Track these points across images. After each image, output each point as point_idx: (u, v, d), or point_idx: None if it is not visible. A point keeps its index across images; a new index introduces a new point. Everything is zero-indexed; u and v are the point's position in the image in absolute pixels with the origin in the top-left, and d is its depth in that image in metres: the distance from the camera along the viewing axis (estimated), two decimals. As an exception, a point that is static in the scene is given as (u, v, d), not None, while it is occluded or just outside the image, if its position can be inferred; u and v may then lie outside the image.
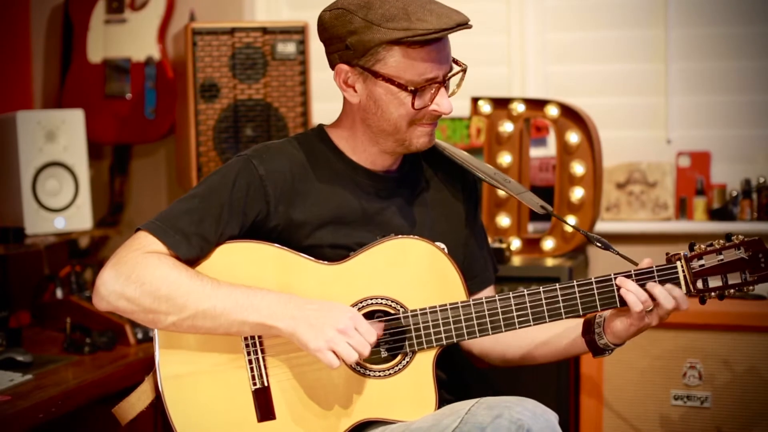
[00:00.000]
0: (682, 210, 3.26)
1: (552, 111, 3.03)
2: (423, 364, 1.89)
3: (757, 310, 2.63)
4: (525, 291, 1.88)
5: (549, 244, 3.04)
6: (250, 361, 1.88)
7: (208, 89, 3.03)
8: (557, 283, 1.88)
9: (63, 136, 3.05)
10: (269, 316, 1.81)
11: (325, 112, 2.40)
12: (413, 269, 1.91)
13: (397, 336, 1.90)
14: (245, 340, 1.88)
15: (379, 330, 1.85)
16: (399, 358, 1.90)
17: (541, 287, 1.88)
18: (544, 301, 1.88)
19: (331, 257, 1.92)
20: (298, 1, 3.59)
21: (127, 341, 2.68)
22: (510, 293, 1.89)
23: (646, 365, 2.67)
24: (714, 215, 3.22)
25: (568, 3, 3.40)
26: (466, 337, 1.89)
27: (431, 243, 1.93)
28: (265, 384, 1.88)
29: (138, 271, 1.81)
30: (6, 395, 2.18)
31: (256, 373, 1.88)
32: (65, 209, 3.06)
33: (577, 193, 3.00)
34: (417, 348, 1.89)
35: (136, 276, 1.81)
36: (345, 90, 1.94)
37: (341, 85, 1.93)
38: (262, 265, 1.90)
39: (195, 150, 3.03)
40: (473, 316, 1.89)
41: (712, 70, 3.27)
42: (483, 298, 1.89)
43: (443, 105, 1.90)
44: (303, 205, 1.95)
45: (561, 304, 1.88)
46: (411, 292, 1.90)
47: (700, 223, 3.22)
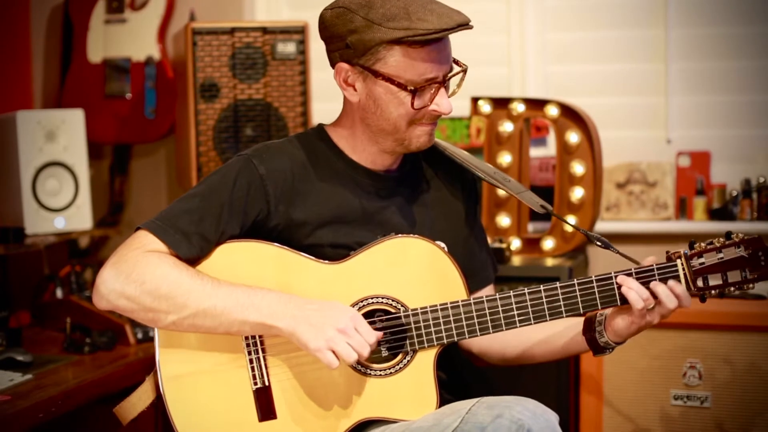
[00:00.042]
0: (682, 210, 3.26)
1: (552, 111, 3.02)
2: (424, 363, 1.89)
3: (757, 310, 2.63)
4: (525, 289, 1.88)
5: (549, 244, 3.04)
6: (251, 360, 1.88)
7: (208, 89, 3.03)
8: (557, 282, 1.88)
9: (63, 136, 3.05)
10: (269, 315, 1.81)
11: (325, 112, 2.40)
12: (413, 268, 1.91)
13: (398, 335, 1.89)
14: (246, 339, 1.88)
15: (379, 336, 1.85)
16: (400, 357, 1.90)
17: (541, 285, 1.88)
18: (544, 300, 1.88)
19: (331, 256, 1.92)
20: (298, 1, 3.59)
21: (127, 341, 2.68)
22: (510, 292, 1.89)
23: (646, 365, 2.67)
24: (714, 215, 3.22)
25: (568, 3, 3.40)
26: (467, 336, 1.89)
27: (431, 242, 1.93)
28: (266, 383, 1.88)
29: (138, 270, 1.81)
30: (6, 395, 2.18)
31: (257, 372, 1.88)
32: (65, 209, 3.05)
33: (577, 193, 2.99)
34: (418, 347, 1.89)
35: (136, 275, 1.81)
36: (345, 89, 1.94)
37: (341, 83, 1.93)
38: (263, 265, 1.89)
39: (195, 150, 3.03)
40: (474, 315, 1.88)
41: (712, 70, 3.27)
42: (483, 297, 1.89)
43: (443, 105, 1.90)
44: (303, 204, 1.94)
45: (561, 303, 1.88)
46: (411, 291, 1.90)
47: (700, 223, 3.22)
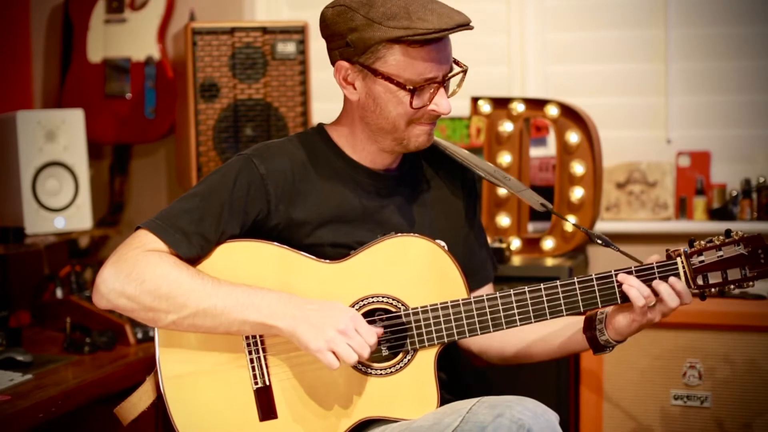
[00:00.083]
0: (682, 210, 3.26)
1: (552, 111, 3.02)
2: (424, 363, 1.89)
3: (757, 310, 2.63)
4: (526, 288, 1.88)
5: (549, 243, 3.04)
6: (252, 360, 1.88)
7: (208, 89, 3.03)
8: (558, 280, 1.89)
9: (63, 135, 3.04)
10: (270, 315, 1.81)
11: (325, 111, 2.40)
12: (414, 267, 1.91)
13: (398, 334, 1.89)
14: (246, 339, 1.88)
15: (379, 331, 1.85)
16: (400, 356, 1.90)
17: (542, 284, 1.88)
18: (545, 298, 1.88)
19: (331, 256, 1.92)
20: (298, 1, 3.59)
21: (127, 341, 2.68)
22: (511, 290, 1.88)
23: (646, 365, 2.67)
24: (714, 215, 3.22)
25: (568, 3, 3.40)
26: (468, 335, 1.88)
27: (432, 241, 1.93)
28: (267, 383, 1.88)
29: (138, 269, 1.81)
30: (6, 395, 2.18)
31: (257, 372, 1.88)
32: (65, 209, 3.05)
33: (577, 193, 2.99)
34: (418, 346, 1.89)
35: (136, 274, 1.81)
36: (345, 87, 1.94)
37: (341, 82, 1.93)
38: (263, 264, 1.89)
39: (195, 150, 3.03)
40: (474, 314, 1.88)
41: (712, 70, 3.27)
42: (484, 296, 1.89)
43: (442, 105, 1.90)
44: (304, 204, 1.94)
45: (562, 301, 1.88)
46: (412, 290, 1.90)
47: (700, 223, 3.22)
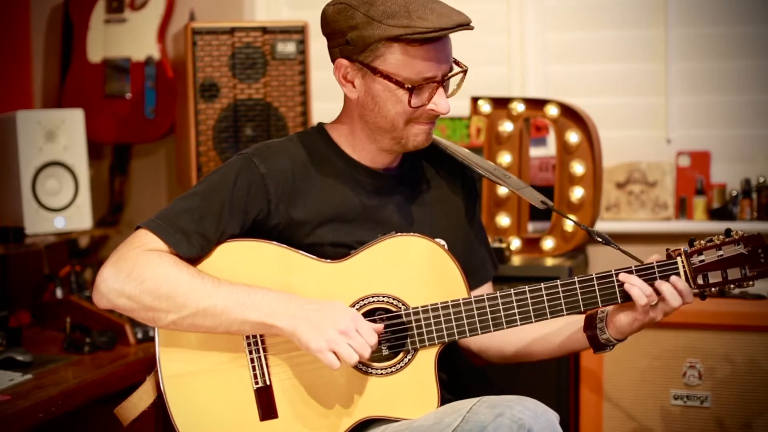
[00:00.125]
0: (682, 210, 3.26)
1: (552, 111, 3.02)
2: (425, 362, 1.89)
3: (757, 309, 2.63)
4: (526, 288, 1.88)
5: (549, 243, 3.04)
6: (252, 359, 1.88)
7: (208, 89, 3.03)
8: (558, 280, 1.89)
9: (63, 135, 3.04)
10: (270, 315, 1.81)
11: (325, 111, 2.40)
12: (414, 266, 1.91)
13: (399, 334, 1.89)
14: (247, 338, 1.88)
15: (379, 327, 1.85)
16: (401, 356, 1.90)
17: (542, 284, 1.88)
18: (545, 298, 1.88)
19: (331, 255, 1.92)
20: (298, 1, 3.59)
21: (127, 341, 2.67)
22: (511, 290, 1.88)
23: (646, 365, 2.67)
24: (714, 215, 3.22)
25: (568, 3, 3.40)
26: (468, 335, 1.88)
27: (432, 240, 1.93)
28: (267, 383, 1.88)
29: (138, 269, 1.81)
30: (6, 395, 2.18)
31: (258, 371, 1.88)
32: (65, 209, 3.05)
33: (577, 193, 2.99)
34: (419, 345, 1.89)
35: (136, 273, 1.81)
36: (344, 85, 1.94)
37: (340, 80, 1.93)
38: (263, 264, 1.89)
39: (195, 150, 3.03)
40: (474, 313, 1.88)
41: (712, 70, 3.27)
42: (484, 295, 1.89)
43: (440, 105, 1.90)
44: (304, 203, 1.94)
45: (562, 301, 1.88)
46: (412, 290, 1.90)
47: (699, 223, 3.22)
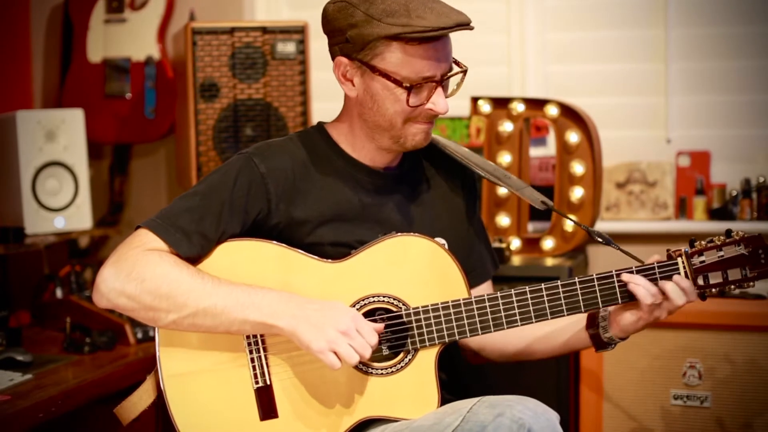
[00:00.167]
0: (682, 210, 3.26)
1: (552, 111, 3.02)
2: (425, 362, 1.89)
3: (757, 309, 2.63)
4: (527, 288, 1.88)
5: (549, 243, 3.04)
6: (252, 359, 1.88)
7: (208, 89, 3.03)
8: (558, 280, 1.89)
9: (63, 135, 3.04)
10: (270, 314, 1.81)
11: (325, 111, 2.40)
12: (414, 266, 1.91)
13: (399, 334, 1.89)
14: (247, 338, 1.88)
15: (379, 327, 1.85)
16: (401, 356, 1.90)
17: (543, 284, 1.88)
18: (546, 298, 1.88)
19: (332, 255, 1.92)
20: (298, 1, 3.60)
21: (127, 341, 2.68)
22: (512, 290, 1.88)
23: (646, 365, 2.67)
24: (714, 215, 3.22)
25: (568, 3, 3.40)
26: (468, 335, 1.88)
27: (432, 240, 1.93)
28: (268, 382, 1.88)
29: (138, 269, 1.81)
30: (6, 395, 2.18)
31: (258, 371, 1.88)
32: (65, 209, 3.05)
33: (577, 193, 2.99)
34: (419, 345, 1.89)
35: (136, 273, 1.80)
36: (343, 83, 1.94)
37: (340, 78, 1.93)
38: (263, 264, 1.89)
39: (195, 150, 3.03)
40: (475, 313, 1.88)
41: (712, 70, 3.27)
42: (484, 295, 1.89)
43: (439, 104, 1.90)
44: (304, 203, 1.94)
45: (563, 301, 1.88)
46: (412, 290, 1.90)
47: (699, 223, 3.22)
